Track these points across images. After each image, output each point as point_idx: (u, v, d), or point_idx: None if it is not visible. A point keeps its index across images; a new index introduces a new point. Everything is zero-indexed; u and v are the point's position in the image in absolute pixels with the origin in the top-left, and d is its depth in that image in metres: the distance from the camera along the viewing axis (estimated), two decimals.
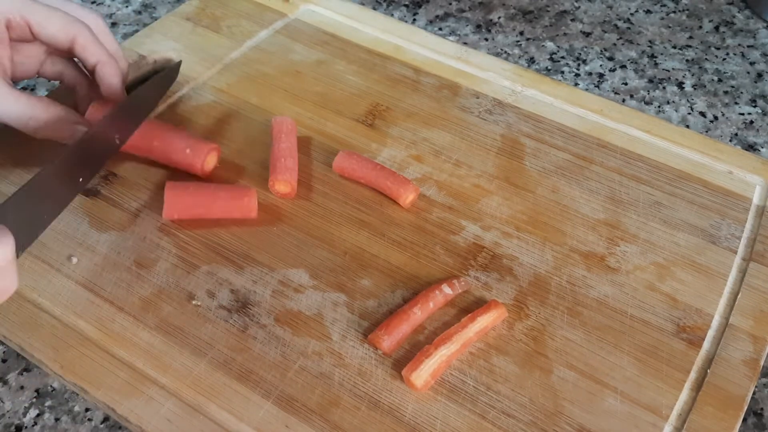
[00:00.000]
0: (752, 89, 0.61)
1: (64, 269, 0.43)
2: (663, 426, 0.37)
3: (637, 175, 0.50)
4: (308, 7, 0.62)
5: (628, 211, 0.47)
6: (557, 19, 0.68)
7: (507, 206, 0.48)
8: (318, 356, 0.40)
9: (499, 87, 0.56)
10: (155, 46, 0.57)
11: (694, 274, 0.44)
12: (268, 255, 0.44)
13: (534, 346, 0.41)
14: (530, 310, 0.42)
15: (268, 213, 0.47)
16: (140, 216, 0.46)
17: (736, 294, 0.43)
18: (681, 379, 0.39)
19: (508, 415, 0.38)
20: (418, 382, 0.38)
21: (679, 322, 0.42)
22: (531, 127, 0.53)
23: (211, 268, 0.44)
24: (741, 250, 0.46)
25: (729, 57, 0.64)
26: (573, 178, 0.50)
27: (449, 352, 0.39)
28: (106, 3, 0.68)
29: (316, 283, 0.43)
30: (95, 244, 0.45)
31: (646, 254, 0.45)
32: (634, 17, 0.68)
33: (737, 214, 0.47)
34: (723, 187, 0.49)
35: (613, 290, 0.43)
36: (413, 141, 0.52)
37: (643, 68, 0.63)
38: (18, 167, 0.49)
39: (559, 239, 0.46)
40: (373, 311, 0.42)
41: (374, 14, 0.62)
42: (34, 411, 0.40)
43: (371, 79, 0.56)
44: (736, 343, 0.41)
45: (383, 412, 0.38)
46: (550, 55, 0.64)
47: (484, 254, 0.45)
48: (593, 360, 0.40)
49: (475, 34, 0.66)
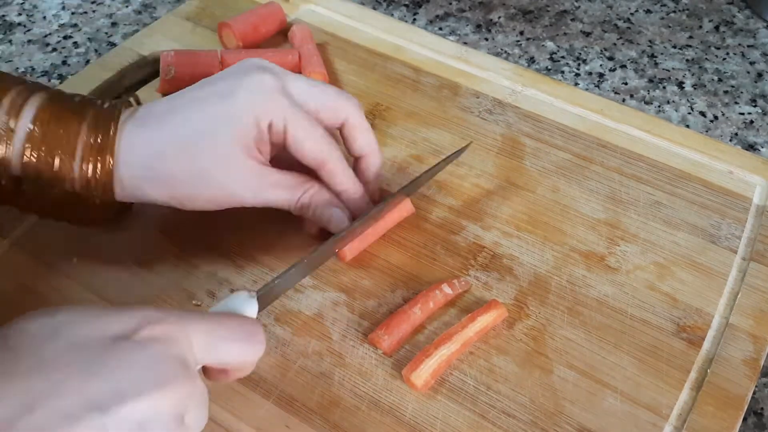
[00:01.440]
0: (752, 89, 0.61)
1: (65, 270, 0.43)
2: (663, 425, 0.37)
3: (637, 174, 0.50)
4: (308, 7, 0.62)
5: (628, 211, 0.47)
6: (557, 18, 0.68)
7: (507, 206, 0.48)
8: (318, 356, 0.40)
9: (499, 87, 0.56)
10: (155, 46, 0.57)
11: (694, 273, 0.44)
12: (268, 255, 0.44)
13: (534, 346, 0.41)
14: (530, 310, 0.42)
15: (269, 213, 0.47)
16: (141, 216, 0.46)
17: (737, 294, 0.43)
18: (681, 378, 0.39)
19: (508, 414, 0.38)
20: (418, 381, 0.38)
21: (679, 321, 0.42)
22: (531, 127, 0.53)
23: (212, 268, 0.44)
24: (741, 250, 0.46)
25: (729, 57, 0.64)
26: (573, 177, 0.50)
27: (449, 352, 0.39)
28: (106, 3, 0.68)
29: (316, 282, 0.43)
30: (96, 244, 0.45)
31: (646, 254, 0.45)
32: (634, 17, 0.68)
33: (737, 214, 0.47)
34: (723, 186, 0.49)
35: (613, 290, 0.43)
36: (413, 141, 0.52)
37: (643, 68, 0.63)
38: None
39: (559, 239, 0.46)
40: (373, 311, 0.42)
41: (374, 14, 0.62)
42: None
43: (371, 78, 0.56)
44: (737, 342, 0.41)
45: (383, 411, 0.38)
46: (550, 54, 0.64)
47: (485, 254, 0.45)
48: (593, 360, 0.40)
49: (475, 33, 0.66)
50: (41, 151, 0.37)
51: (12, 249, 0.45)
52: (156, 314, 0.29)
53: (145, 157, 0.38)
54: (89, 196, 0.39)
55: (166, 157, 0.38)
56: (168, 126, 0.38)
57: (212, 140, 0.38)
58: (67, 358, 0.26)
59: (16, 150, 0.37)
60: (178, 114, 0.39)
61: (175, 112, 0.39)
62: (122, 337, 0.27)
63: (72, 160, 0.38)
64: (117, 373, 0.26)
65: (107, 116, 0.39)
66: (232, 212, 0.46)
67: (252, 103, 0.38)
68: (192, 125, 0.38)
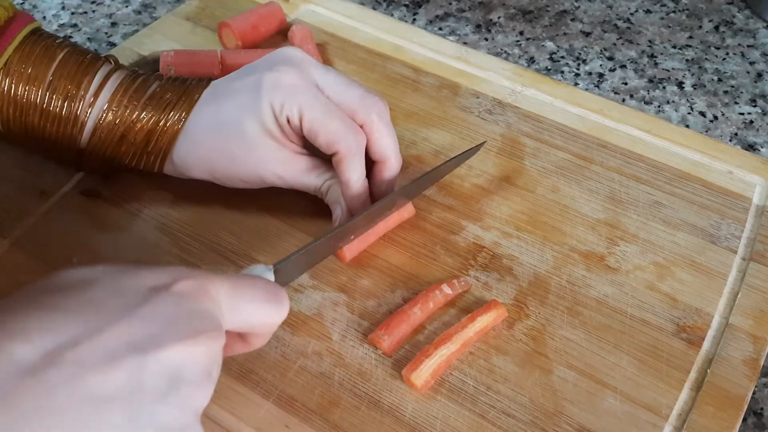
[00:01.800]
0: (752, 89, 0.61)
1: None
2: (663, 426, 0.37)
3: (637, 174, 0.50)
4: (308, 7, 0.62)
5: (627, 211, 0.47)
6: (557, 18, 0.68)
7: (507, 206, 0.48)
8: (318, 356, 0.40)
9: (499, 87, 0.56)
10: (155, 46, 0.57)
11: (694, 273, 0.44)
12: (268, 255, 0.44)
13: (534, 346, 0.41)
14: (530, 310, 0.42)
15: (269, 214, 0.47)
16: (140, 216, 0.46)
17: (736, 294, 0.43)
18: (681, 378, 0.39)
19: (508, 414, 0.38)
20: (418, 381, 0.38)
21: (679, 321, 0.42)
22: (531, 127, 0.53)
23: (211, 268, 0.44)
24: (741, 250, 0.46)
25: (729, 57, 0.64)
26: (573, 177, 0.50)
27: (449, 352, 0.39)
28: (106, 3, 0.68)
29: (316, 282, 0.43)
30: (96, 244, 0.45)
31: (646, 254, 0.45)
32: (633, 17, 0.68)
33: (737, 214, 0.47)
34: (723, 186, 0.49)
35: (613, 290, 0.43)
36: (413, 141, 0.52)
37: (642, 68, 0.63)
38: (17, 168, 0.49)
39: (559, 239, 0.46)
40: (373, 311, 0.42)
41: (374, 14, 0.62)
42: None
43: (371, 78, 0.56)
44: (736, 342, 0.41)
45: (383, 411, 0.38)
46: (549, 54, 0.64)
47: (484, 254, 0.45)
48: (593, 360, 0.40)
49: (474, 33, 0.66)
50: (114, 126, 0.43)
51: (12, 249, 0.45)
52: (186, 271, 0.30)
53: (188, 139, 0.43)
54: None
55: (203, 140, 0.43)
56: (208, 112, 0.43)
57: (240, 129, 0.42)
58: (111, 302, 0.27)
59: (94, 114, 0.43)
60: (216, 102, 0.43)
61: (216, 98, 0.43)
62: (158, 288, 0.29)
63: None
64: (156, 320, 0.27)
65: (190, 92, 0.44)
66: (233, 213, 0.46)
67: (271, 97, 0.41)
68: (224, 115, 0.42)
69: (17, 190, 0.48)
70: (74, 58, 0.44)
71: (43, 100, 0.43)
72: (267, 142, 0.42)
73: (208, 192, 0.46)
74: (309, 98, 0.41)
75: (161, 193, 0.48)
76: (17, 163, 0.49)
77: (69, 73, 0.43)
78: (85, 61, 0.44)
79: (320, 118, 0.41)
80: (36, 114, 0.43)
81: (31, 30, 0.44)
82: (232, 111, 0.42)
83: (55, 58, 0.43)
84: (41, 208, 0.47)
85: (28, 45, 0.43)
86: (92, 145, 0.44)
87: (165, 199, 0.47)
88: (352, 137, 0.41)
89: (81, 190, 0.48)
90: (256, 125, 0.41)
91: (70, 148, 0.44)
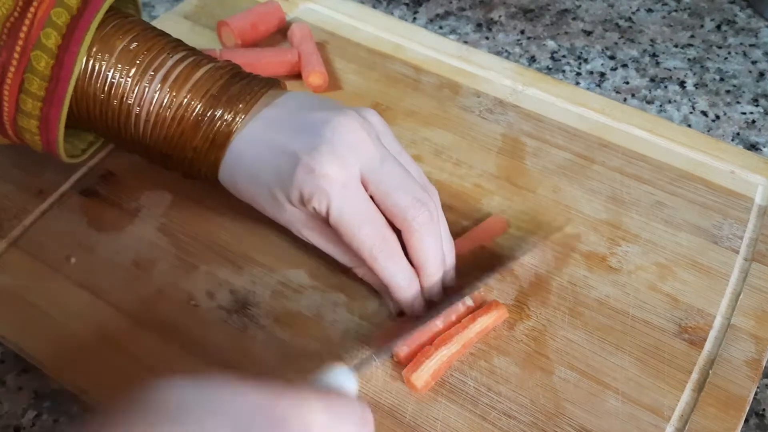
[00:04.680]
0: (754, 88, 0.60)
1: (63, 270, 0.43)
2: (665, 427, 0.37)
3: (638, 174, 0.50)
4: (307, 5, 0.62)
5: (629, 211, 0.47)
6: (558, 17, 0.68)
7: (508, 206, 0.47)
8: (318, 357, 0.40)
9: (500, 86, 0.56)
10: None
11: (695, 274, 0.44)
12: (268, 255, 0.44)
13: (535, 347, 0.40)
14: (531, 311, 0.42)
15: None
16: (139, 216, 0.46)
17: (738, 294, 0.43)
18: (683, 379, 0.39)
19: (509, 416, 0.38)
20: (419, 382, 0.38)
21: (681, 322, 0.42)
22: (532, 127, 0.53)
23: (211, 269, 0.44)
24: (743, 250, 0.45)
25: (731, 56, 0.64)
26: (574, 177, 0.49)
27: (449, 353, 0.39)
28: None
29: (315, 283, 0.43)
30: (94, 244, 0.45)
31: (648, 254, 0.45)
32: (635, 16, 0.68)
33: (739, 214, 0.47)
34: (725, 186, 0.49)
35: (615, 290, 0.43)
36: (413, 140, 0.51)
37: (644, 67, 0.62)
38: (15, 167, 0.49)
39: (561, 239, 0.46)
40: (373, 312, 0.42)
41: (374, 13, 0.62)
42: (32, 412, 0.40)
43: (371, 77, 0.56)
44: (738, 343, 0.41)
45: (383, 413, 0.38)
46: (551, 53, 0.64)
47: (485, 254, 0.45)
48: (594, 360, 0.40)
49: (475, 32, 0.66)
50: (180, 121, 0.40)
51: (10, 248, 0.44)
52: (275, 391, 0.29)
53: (230, 164, 0.41)
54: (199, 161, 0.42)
55: (240, 177, 0.41)
56: (247, 152, 0.40)
57: (270, 192, 0.40)
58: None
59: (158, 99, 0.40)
60: (256, 147, 0.40)
61: (259, 142, 0.40)
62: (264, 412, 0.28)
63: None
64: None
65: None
66: (232, 213, 0.46)
67: (302, 183, 0.37)
68: (259, 167, 0.40)
69: (15, 190, 0.47)
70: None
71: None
72: (295, 210, 0.39)
73: (208, 192, 0.46)
74: (340, 198, 0.37)
75: (160, 193, 0.47)
76: (15, 163, 0.49)
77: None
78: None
79: (348, 221, 0.37)
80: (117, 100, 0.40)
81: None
82: (266, 169, 0.39)
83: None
84: (39, 208, 0.46)
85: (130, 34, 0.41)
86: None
87: (164, 199, 0.47)
88: (379, 247, 0.38)
89: (79, 189, 0.48)
90: (284, 198, 0.39)
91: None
